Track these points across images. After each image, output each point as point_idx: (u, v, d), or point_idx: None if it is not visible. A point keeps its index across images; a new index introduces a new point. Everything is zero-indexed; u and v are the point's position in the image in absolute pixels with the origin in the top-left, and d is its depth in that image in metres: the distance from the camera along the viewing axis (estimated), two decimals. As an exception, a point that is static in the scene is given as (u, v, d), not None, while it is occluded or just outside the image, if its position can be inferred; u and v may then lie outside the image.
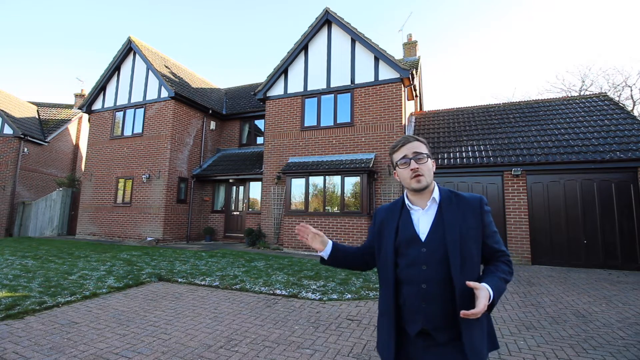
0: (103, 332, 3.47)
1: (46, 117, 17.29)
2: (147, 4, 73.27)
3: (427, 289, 1.25)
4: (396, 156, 1.39)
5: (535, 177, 8.33)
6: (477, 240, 1.28)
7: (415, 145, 1.35)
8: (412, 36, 13.24)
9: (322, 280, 5.86)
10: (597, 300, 4.87)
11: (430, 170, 1.34)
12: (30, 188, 15.37)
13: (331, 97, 10.64)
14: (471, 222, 1.29)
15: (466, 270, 1.22)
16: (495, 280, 1.21)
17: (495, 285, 1.18)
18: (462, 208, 1.31)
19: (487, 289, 1.14)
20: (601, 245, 7.62)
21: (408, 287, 1.29)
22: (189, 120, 12.73)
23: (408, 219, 1.36)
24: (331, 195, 9.67)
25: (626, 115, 9.22)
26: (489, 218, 1.33)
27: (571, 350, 3.16)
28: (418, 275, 1.27)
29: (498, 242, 1.32)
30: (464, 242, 1.24)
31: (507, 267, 1.29)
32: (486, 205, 1.34)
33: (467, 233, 1.27)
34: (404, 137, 1.40)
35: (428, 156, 1.34)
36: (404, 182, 1.36)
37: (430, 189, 1.36)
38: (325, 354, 3.07)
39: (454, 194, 1.36)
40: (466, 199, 1.34)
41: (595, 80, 24.63)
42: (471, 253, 1.26)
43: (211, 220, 12.92)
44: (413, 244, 1.30)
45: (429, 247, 1.27)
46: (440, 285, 1.23)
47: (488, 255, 1.32)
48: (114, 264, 7.08)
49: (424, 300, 1.25)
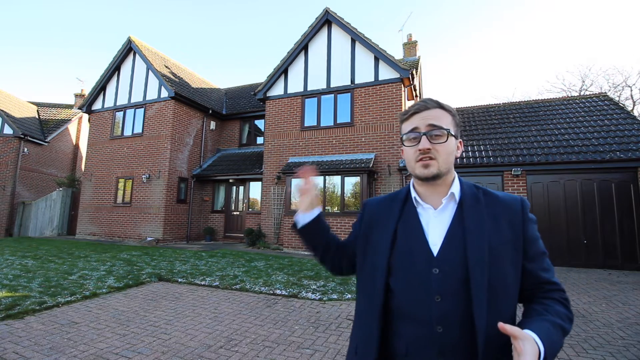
0: (103, 332, 3.47)
1: (46, 117, 17.29)
2: (147, 4, 73.30)
3: (443, 333, 0.81)
4: (405, 127, 0.95)
5: (535, 177, 8.33)
6: (516, 262, 0.86)
7: (434, 114, 0.92)
8: (412, 36, 13.23)
9: (322, 280, 5.86)
10: (597, 300, 4.86)
11: (450, 155, 0.91)
12: (30, 188, 15.37)
13: (331, 97, 10.65)
14: (507, 234, 0.86)
15: (496, 308, 0.81)
16: (546, 327, 0.76)
17: (547, 335, 0.74)
18: (494, 212, 0.89)
19: (533, 341, 0.70)
20: (601, 245, 7.62)
21: (411, 329, 0.85)
22: (189, 120, 12.73)
23: (413, 221, 0.93)
24: (331, 195, 9.67)
25: (626, 115, 9.22)
26: (534, 230, 0.90)
27: (571, 350, 3.16)
28: (428, 310, 0.83)
29: (547, 270, 0.88)
30: (495, 264, 0.82)
31: (564, 308, 0.84)
32: (529, 211, 0.92)
33: (501, 250, 0.84)
34: (421, 101, 0.95)
35: (450, 133, 0.91)
36: (408, 165, 0.95)
37: (448, 181, 0.94)
38: (325, 354, 3.07)
39: (482, 190, 0.94)
40: (500, 200, 0.92)
41: (595, 80, 24.70)
42: (505, 282, 0.83)
43: (211, 220, 12.92)
44: (419, 260, 0.87)
45: (444, 266, 0.85)
46: (463, 329, 0.81)
47: (530, 288, 0.88)
48: (114, 264, 7.08)
49: (441, 353, 0.81)
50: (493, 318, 0.78)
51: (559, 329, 0.78)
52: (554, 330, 0.77)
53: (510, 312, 0.85)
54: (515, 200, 0.92)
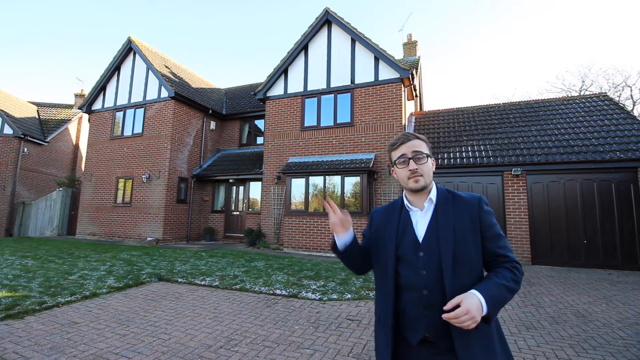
0: (103, 332, 3.47)
1: (46, 117, 17.29)
2: (147, 3, 73.26)
3: (428, 295, 1.17)
4: (395, 154, 1.32)
5: (535, 177, 8.33)
6: (476, 243, 1.20)
7: (415, 144, 1.28)
8: (412, 36, 13.24)
9: (322, 280, 5.86)
10: (597, 300, 4.86)
11: (430, 171, 1.28)
12: (30, 188, 15.36)
13: (331, 97, 10.64)
14: (467, 223, 1.21)
15: (460, 274, 1.14)
16: (490, 286, 1.09)
17: (490, 291, 1.07)
18: (459, 208, 1.24)
19: (474, 296, 1.04)
20: (601, 245, 7.62)
21: (409, 294, 1.22)
22: (189, 120, 12.72)
23: (408, 222, 1.29)
24: (331, 195, 9.66)
25: (626, 115, 9.22)
26: (489, 219, 1.23)
27: (571, 350, 3.16)
28: (418, 281, 1.19)
29: (502, 247, 1.21)
30: (458, 244, 1.17)
31: (510, 273, 1.15)
32: (486, 205, 1.25)
33: (463, 234, 1.19)
34: (403, 135, 1.32)
35: (428, 156, 1.28)
36: (402, 181, 1.30)
37: (429, 189, 1.29)
38: (325, 354, 3.07)
39: (451, 194, 1.29)
40: (463, 199, 1.26)
41: (595, 80, 24.63)
42: (468, 256, 1.17)
43: (211, 220, 12.92)
44: (413, 248, 1.23)
45: (426, 250, 1.20)
46: (441, 291, 1.15)
47: (489, 261, 1.21)
48: (114, 264, 7.07)
49: (426, 307, 1.17)
50: (457, 282, 1.13)
51: (501, 287, 1.10)
52: (495, 287, 1.09)
53: (474, 276, 1.17)
54: (474, 197, 1.27)
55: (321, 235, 9.45)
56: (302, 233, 9.67)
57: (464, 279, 1.14)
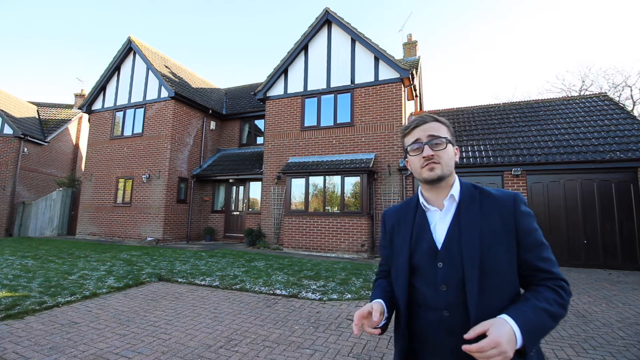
0: (103, 332, 3.47)
1: (46, 117, 17.29)
2: (147, 3, 73.30)
3: (450, 317, 0.94)
4: (408, 140, 1.08)
5: (535, 177, 8.33)
6: (510, 252, 0.94)
7: (433, 126, 1.04)
8: (412, 36, 13.23)
9: (322, 280, 5.86)
10: (597, 300, 4.86)
11: (450, 159, 1.03)
12: (30, 188, 15.36)
13: (331, 97, 10.64)
14: (498, 226, 0.95)
15: (489, 292, 0.90)
16: (527, 310, 0.84)
17: (526, 317, 0.82)
18: (488, 207, 0.99)
19: (505, 324, 0.79)
20: (601, 245, 7.61)
21: (426, 314, 0.99)
22: (189, 120, 12.73)
23: (424, 223, 1.05)
24: (331, 195, 9.67)
25: (626, 115, 9.22)
26: (528, 222, 0.97)
27: (571, 350, 3.16)
28: (438, 298, 0.96)
29: (545, 260, 0.94)
30: (486, 253, 0.92)
31: (553, 294, 0.89)
32: (524, 204, 0.99)
33: (493, 241, 0.93)
34: (419, 116, 1.09)
35: (448, 141, 1.03)
36: (415, 172, 1.07)
37: (450, 184, 1.04)
38: (325, 354, 3.07)
39: (479, 190, 1.04)
40: (494, 196, 1.01)
41: (595, 80, 24.65)
42: (499, 268, 0.92)
43: (211, 220, 12.92)
44: (430, 257, 1.00)
45: (446, 260, 0.96)
46: (465, 312, 0.92)
47: (526, 275, 0.95)
48: (114, 264, 7.07)
49: (449, 332, 0.93)
50: (486, 302, 0.89)
51: (541, 312, 0.84)
52: (533, 311, 0.84)
53: (507, 295, 0.92)
54: (508, 195, 1.01)
55: (321, 235, 9.45)
56: (302, 233, 9.67)
57: (494, 298, 0.91)
